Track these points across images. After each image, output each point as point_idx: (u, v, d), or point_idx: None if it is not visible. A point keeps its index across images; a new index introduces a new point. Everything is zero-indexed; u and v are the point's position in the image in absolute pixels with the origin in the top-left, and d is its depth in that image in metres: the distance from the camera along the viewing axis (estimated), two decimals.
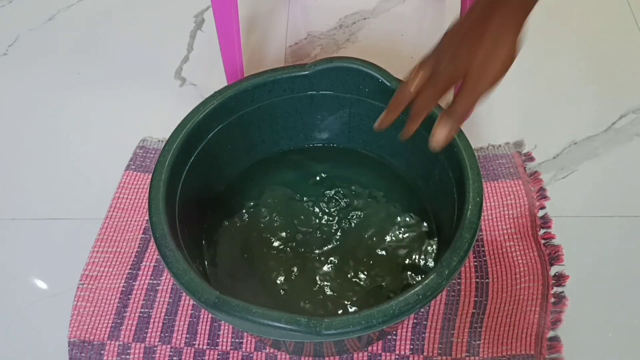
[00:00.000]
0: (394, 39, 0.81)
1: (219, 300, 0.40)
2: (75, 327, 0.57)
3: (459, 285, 0.59)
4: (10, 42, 0.85)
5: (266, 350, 0.56)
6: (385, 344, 0.56)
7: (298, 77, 0.55)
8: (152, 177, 0.48)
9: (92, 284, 0.60)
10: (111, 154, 0.71)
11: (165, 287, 0.60)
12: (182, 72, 0.80)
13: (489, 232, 0.62)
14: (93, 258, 0.61)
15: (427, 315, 0.57)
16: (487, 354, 0.55)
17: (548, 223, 0.62)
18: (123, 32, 0.86)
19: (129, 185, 0.67)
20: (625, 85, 0.75)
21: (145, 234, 0.63)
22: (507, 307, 0.57)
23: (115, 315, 0.58)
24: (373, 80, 0.53)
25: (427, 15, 0.86)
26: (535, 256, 0.59)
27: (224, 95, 0.53)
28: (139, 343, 0.56)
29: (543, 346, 0.55)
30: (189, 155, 0.52)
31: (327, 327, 0.38)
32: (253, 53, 0.82)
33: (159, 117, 0.74)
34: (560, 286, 0.58)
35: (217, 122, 0.54)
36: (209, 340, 0.56)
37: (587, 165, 0.68)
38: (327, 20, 0.85)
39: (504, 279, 0.58)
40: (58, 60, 0.83)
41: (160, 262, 0.60)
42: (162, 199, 0.46)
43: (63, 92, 0.79)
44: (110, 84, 0.79)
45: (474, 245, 0.43)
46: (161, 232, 0.44)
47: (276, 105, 0.57)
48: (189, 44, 0.84)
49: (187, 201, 0.52)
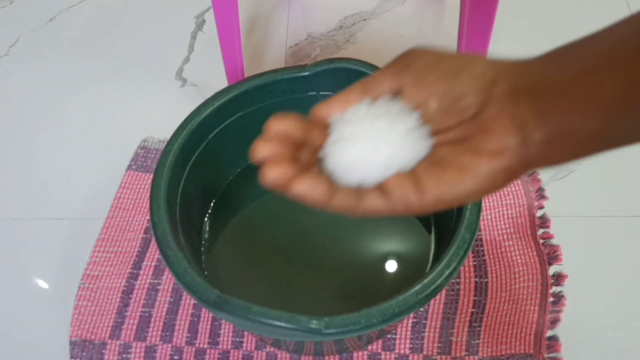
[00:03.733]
0: (394, 40, 0.82)
1: (219, 299, 0.40)
2: (77, 326, 0.57)
3: (458, 284, 0.59)
4: (11, 43, 0.85)
5: (267, 349, 0.56)
6: (385, 343, 0.56)
7: (298, 78, 0.55)
8: (154, 177, 0.48)
9: (94, 284, 0.60)
10: (112, 154, 0.71)
11: (166, 287, 0.60)
12: (183, 73, 0.80)
13: (488, 231, 0.62)
14: (94, 258, 0.62)
15: (426, 315, 0.57)
16: (486, 353, 0.55)
17: (547, 223, 0.62)
18: (124, 33, 0.86)
19: (131, 185, 0.67)
20: None
21: (147, 234, 0.64)
22: (506, 307, 0.57)
23: (117, 315, 0.58)
24: None
25: (427, 17, 0.86)
26: (534, 256, 0.60)
27: (224, 95, 0.53)
28: (140, 342, 0.57)
29: (542, 345, 0.55)
30: (190, 156, 0.53)
31: (327, 326, 0.39)
32: (253, 54, 0.82)
33: (160, 118, 0.75)
34: (559, 286, 0.58)
35: (218, 123, 0.55)
36: (210, 340, 0.57)
37: (586, 165, 0.68)
38: (327, 21, 0.85)
39: (503, 279, 0.59)
40: (59, 60, 0.83)
41: (162, 261, 0.61)
42: (163, 199, 0.46)
43: (64, 92, 0.79)
44: (111, 84, 0.80)
45: (473, 244, 0.44)
46: (162, 232, 0.44)
47: (276, 106, 0.57)
48: (190, 45, 0.84)
49: (188, 200, 0.52)
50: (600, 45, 0.25)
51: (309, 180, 0.28)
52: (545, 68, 0.27)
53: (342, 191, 0.29)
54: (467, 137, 0.28)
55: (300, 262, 0.56)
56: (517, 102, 0.27)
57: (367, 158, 0.29)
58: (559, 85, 0.26)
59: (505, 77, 0.27)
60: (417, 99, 0.30)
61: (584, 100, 0.25)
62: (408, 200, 0.28)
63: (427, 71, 0.29)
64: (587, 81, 0.25)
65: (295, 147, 0.30)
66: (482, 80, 0.28)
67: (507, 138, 0.27)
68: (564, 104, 0.25)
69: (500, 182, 0.28)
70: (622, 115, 0.24)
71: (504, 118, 0.27)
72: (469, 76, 0.28)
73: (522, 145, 0.26)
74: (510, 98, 0.27)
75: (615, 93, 0.24)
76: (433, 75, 0.29)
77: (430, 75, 0.29)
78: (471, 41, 0.61)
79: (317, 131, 0.31)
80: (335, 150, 0.30)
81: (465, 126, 0.28)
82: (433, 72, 0.29)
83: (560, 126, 0.26)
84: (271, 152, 0.29)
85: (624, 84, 0.23)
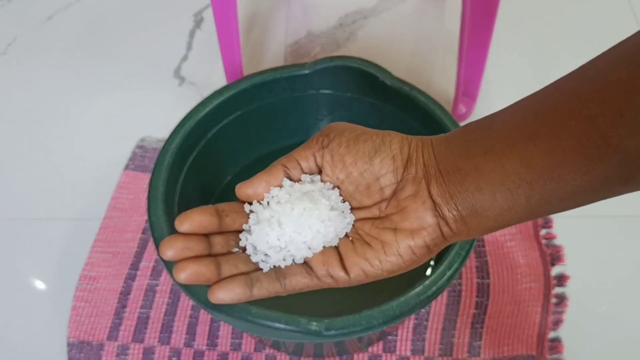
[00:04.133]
0: (394, 38, 0.81)
1: None
2: (74, 327, 0.57)
3: (460, 285, 0.58)
4: (9, 42, 0.85)
5: (266, 351, 0.55)
6: (386, 345, 0.55)
7: (298, 76, 0.54)
8: (151, 177, 0.47)
9: (91, 285, 0.59)
10: (110, 153, 0.70)
11: (164, 288, 0.59)
12: (181, 71, 0.80)
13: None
14: (92, 258, 0.61)
15: (428, 316, 0.57)
16: (488, 355, 0.54)
17: (549, 223, 0.62)
18: (122, 31, 0.86)
19: (128, 185, 0.67)
20: None
21: (145, 234, 0.63)
22: (508, 308, 0.57)
23: (114, 316, 0.57)
24: (373, 79, 0.53)
25: (428, 15, 0.85)
26: (536, 256, 0.59)
27: (223, 94, 0.53)
28: (138, 344, 0.56)
29: (544, 347, 0.54)
30: (188, 155, 0.52)
31: (328, 327, 0.38)
32: (253, 52, 0.82)
33: (158, 117, 0.74)
34: (561, 286, 0.58)
35: (216, 122, 0.54)
36: (208, 341, 0.56)
37: None
38: (327, 19, 0.85)
39: (506, 280, 0.58)
40: (57, 59, 0.82)
41: (159, 262, 0.60)
42: (161, 199, 0.46)
43: (62, 91, 0.79)
44: (109, 83, 0.79)
45: (475, 245, 0.43)
46: (160, 233, 0.44)
47: (276, 104, 0.57)
48: (188, 43, 0.83)
49: (187, 200, 0.52)
50: (501, 127, 0.27)
51: (224, 287, 0.30)
52: (454, 148, 0.29)
53: (262, 280, 0.31)
54: (388, 215, 0.30)
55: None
56: (430, 183, 0.29)
57: (290, 239, 0.31)
58: (467, 166, 0.28)
59: (418, 158, 0.30)
60: (336, 177, 0.31)
61: (490, 180, 0.27)
62: (334, 278, 0.30)
63: (344, 152, 0.30)
64: (490, 163, 0.27)
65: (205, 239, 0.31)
66: (398, 161, 0.30)
67: (424, 218, 0.29)
68: (472, 184, 0.28)
69: (422, 257, 0.30)
70: (526, 193, 0.26)
71: (419, 199, 0.29)
72: (385, 157, 0.30)
73: (438, 224, 0.29)
74: (423, 179, 0.29)
75: (515, 173, 0.26)
76: (350, 157, 0.30)
77: (347, 156, 0.30)
78: (472, 39, 0.61)
79: (233, 215, 0.32)
80: (259, 233, 0.31)
81: (385, 204, 0.30)
82: (350, 154, 0.30)
83: (472, 205, 0.28)
84: (178, 252, 0.30)
85: (521, 165, 0.26)
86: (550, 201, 0.27)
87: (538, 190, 0.26)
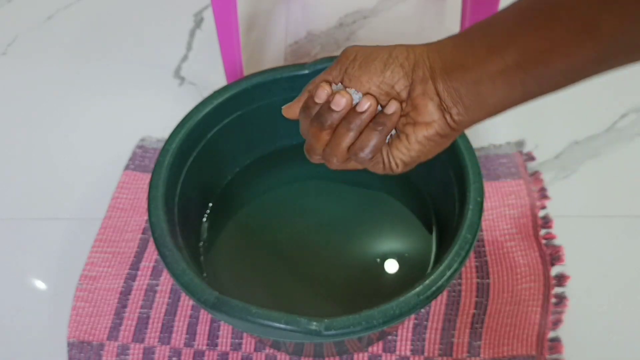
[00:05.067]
0: (395, 38, 0.81)
1: (218, 300, 0.40)
2: (74, 327, 0.57)
3: (459, 285, 0.58)
4: (9, 42, 0.85)
5: (266, 351, 0.55)
6: (385, 345, 0.55)
7: (298, 76, 0.54)
8: (152, 177, 0.47)
9: (91, 285, 0.60)
10: (110, 153, 0.70)
11: (164, 288, 0.59)
12: (181, 71, 0.80)
13: (490, 232, 0.62)
14: (92, 258, 0.61)
15: (427, 316, 0.57)
16: (487, 355, 0.54)
17: (549, 223, 0.62)
18: (122, 31, 0.86)
19: (128, 185, 0.67)
20: (627, 85, 0.75)
21: (145, 234, 0.63)
22: (508, 308, 0.57)
23: (115, 316, 0.57)
24: None
25: (428, 14, 0.85)
26: (536, 256, 0.59)
27: (223, 94, 0.53)
28: (138, 344, 0.56)
29: (544, 347, 0.54)
30: (188, 155, 0.52)
31: (328, 327, 0.38)
32: (253, 52, 0.82)
33: (158, 117, 0.74)
34: (561, 286, 0.58)
35: (216, 122, 0.54)
36: (209, 341, 0.56)
37: (588, 165, 0.68)
38: (327, 19, 0.85)
39: (505, 279, 0.58)
40: (57, 59, 0.82)
41: (160, 262, 0.60)
42: (161, 199, 0.46)
43: (62, 91, 0.79)
44: (109, 83, 0.79)
45: (475, 245, 0.43)
46: (160, 232, 0.44)
47: (276, 104, 0.57)
48: (188, 43, 0.83)
49: (187, 201, 0.52)
50: (503, 23, 0.32)
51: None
52: (457, 48, 0.34)
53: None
54: (407, 113, 0.36)
55: (300, 263, 0.56)
56: (436, 81, 0.34)
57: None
58: (470, 62, 0.32)
59: (425, 61, 0.34)
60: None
61: (490, 72, 0.32)
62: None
63: (359, 73, 0.36)
64: (493, 56, 0.31)
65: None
66: (406, 67, 0.35)
67: (433, 112, 0.34)
68: (473, 77, 0.32)
69: (439, 143, 0.36)
70: (521, 78, 0.31)
71: (427, 96, 0.34)
72: (395, 67, 0.35)
73: (444, 116, 0.34)
74: (430, 78, 0.34)
75: (514, 61, 0.31)
76: (365, 76, 0.36)
77: (363, 76, 0.36)
78: None
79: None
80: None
81: (405, 104, 0.36)
82: (365, 74, 0.36)
83: (474, 96, 0.33)
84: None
85: (519, 54, 0.30)
86: (540, 82, 0.31)
87: (530, 74, 0.30)
